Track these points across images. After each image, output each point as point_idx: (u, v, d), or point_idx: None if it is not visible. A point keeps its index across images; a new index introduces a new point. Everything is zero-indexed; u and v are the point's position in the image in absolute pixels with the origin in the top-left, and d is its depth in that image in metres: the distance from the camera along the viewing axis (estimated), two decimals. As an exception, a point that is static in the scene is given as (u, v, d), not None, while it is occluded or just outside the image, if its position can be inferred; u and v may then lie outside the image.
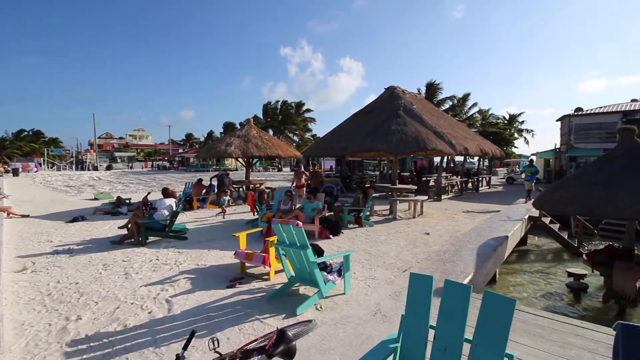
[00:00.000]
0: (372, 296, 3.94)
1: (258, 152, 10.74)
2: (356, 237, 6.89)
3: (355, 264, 5.16)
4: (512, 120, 36.37)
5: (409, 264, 5.18)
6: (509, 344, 3.03)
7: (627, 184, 5.42)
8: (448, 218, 8.97)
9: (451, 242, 6.37)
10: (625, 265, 5.49)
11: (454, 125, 16.54)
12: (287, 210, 6.70)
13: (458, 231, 7.37)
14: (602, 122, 19.53)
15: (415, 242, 6.47)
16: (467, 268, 4.91)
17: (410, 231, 7.39)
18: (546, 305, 6.21)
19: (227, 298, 3.91)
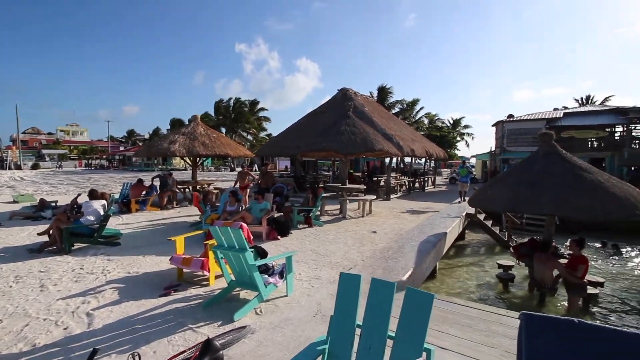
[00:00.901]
0: (314, 297, 3.92)
1: (205, 151, 10.23)
2: (305, 237, 6.85)
3: (301, 264, 5.12)
4: (455, 125, 39.17)
5: (354, 263, 5.26)
6: (440, 336, 3.21)
7: (546, 183, 6.04)
8: (395, 216, 9.32)
9: (395, 240, 6.61)
10: (543, 257, 6.10)
11: (403, 128, 17.33)
12: (233, 212, 6.45)
13: (403, 229, 7.68)
14: (530, 127, 21.75)
15: (362, 241, 6.60)
16: (407, 264, 5.10)
17: (359, 230, 7.54)
18: (479, 295, 6.70)
19: (159, 307, 3.63)
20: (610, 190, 5.64)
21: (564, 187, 5.78)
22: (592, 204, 5.56)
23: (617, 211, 5.51)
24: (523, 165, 6.89)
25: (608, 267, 8.56)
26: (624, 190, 5.78)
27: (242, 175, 9.70)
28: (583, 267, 5.63)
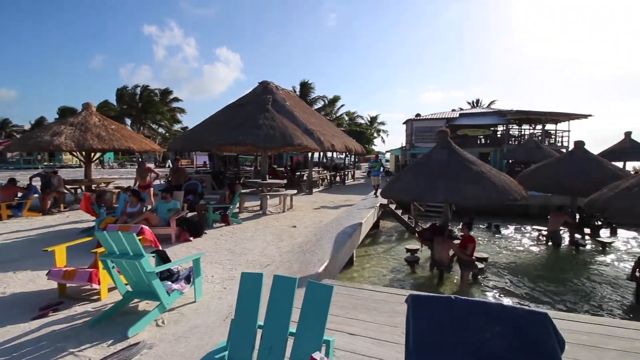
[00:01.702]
0: (226, 299, 3.71)
1: (100, 145, 8.86)
2: (221, 236, 6.50)
3: (214, 265, 4.83)
4: (372, 122, 42.00)
5: (272, 259, 5.17)
6: (350, 322, 3.33)
7: (442, 174, 6.81)
8: (316, 210, 9.51)
9: (314, 233, 6.72)
10: (441, 239, 6.92)
11: (324, 124, 17.78)
12: (134, 214, 5.74)
13: (322, 222, 7.87)
14: (433, 125, 24.43)
15: (281, 236, 6.54)
16: (324, 256, 5.22)
17: (279, 225, 7.47)
18: (391, 278, 7.28)
19: (31, 333, 3.00)
20: (491, 180, 6.65)
21: (455, 178, 6.60)
22: (477, 191, 6.48)
23: (496, 197, 6.52)
24: (424, 159, 7.66)
25: (491, 244, 10.14)
26: (501, 179, 6.87)
27: (142, 172, 8.64)
28: (471, 246, 6.55)
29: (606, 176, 8.29)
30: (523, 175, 10.49)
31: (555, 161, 10.36)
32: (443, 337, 1.75)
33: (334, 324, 3.11)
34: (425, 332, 1.76)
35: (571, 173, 9.16)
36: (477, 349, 1.68)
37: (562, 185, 9.27)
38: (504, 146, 22.41)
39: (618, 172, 8.88)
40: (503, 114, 23.71)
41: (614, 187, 6.39)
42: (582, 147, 9.89)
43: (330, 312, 1.87)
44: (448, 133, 7.99)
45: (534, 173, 10.35)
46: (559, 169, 9.61)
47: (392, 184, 7.63)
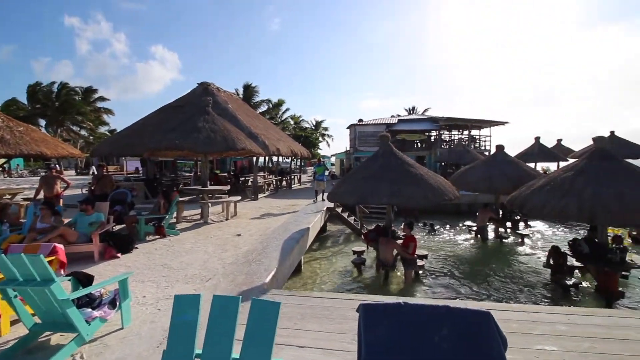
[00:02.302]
0: (160, 322, 3.32)
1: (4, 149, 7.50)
2: (155, 250, 5.90)
3: (147, 284, 4.33)
4: (317, 126, 42.57)
5: (214, 272, 4.81)
6: (298, 334, 3.19)
7: (384, 177, 7.06)
8: (262, 216, 9.21)
9: (260, 241, 6.46)
10: (385, 240, 7.15)
11: (269, 128, 17.47)
12: (46, 230, 4.91)
13: (269, 228, 7.62)
14: (375, 130, 25.54)
15: (225, 246, 6.17)
16: (271, 264, 5.02)
17: (222, 235, 7.05)
18: (339, 282, 7.31)
19: None
20: (429, 182, 7.06)
21: (397, 180, 6.89)
22: (416, 192, 6.83)
23: (433, 197, 6.94)
24: (367, 163, 7.88)
25: (429, 242, 10.82)
26: (437, 181, 7.34)
27: (49, 181, 7.52)
28: (413, 245, 6.87)
29: (522, 176, 9.38)
30: (454, 177, 11.41)
31: (481, 163, 11.46)
32: (394, 344, 1.71)
33: (282, 337, 2.96)
34: (377, 342, 1.71)
35: (494, 174, 10.20)
36: (427, 354, 1.67)
37: (487, 184, 10.28)
38: (437, 150, 24.31)
39: (532, 173, 10.12)
40: (436, 120, 25.74)
41: (530, 186, 7.22)
42: (502, 150, 11.08)
43: (278, 324, 1.73)
44: (389, 137, 8.34)
45: (464, 174, 11.33)
46: (484, 170, 10.65)
47: (338, 187, 7.70)
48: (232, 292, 4.04)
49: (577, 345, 2.84)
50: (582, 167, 6.40)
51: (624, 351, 2.73)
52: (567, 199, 6.00)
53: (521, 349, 2.79)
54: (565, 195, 6.08)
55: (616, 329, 3.10)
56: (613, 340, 2.91)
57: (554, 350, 2.76)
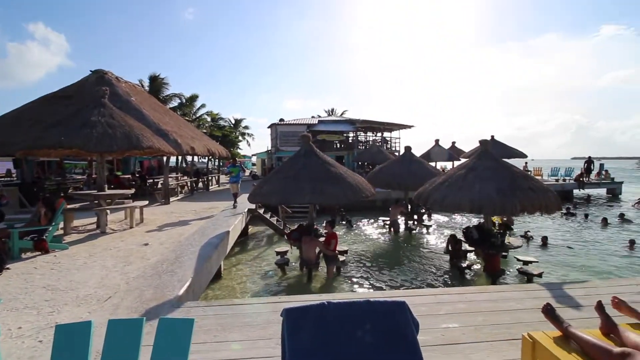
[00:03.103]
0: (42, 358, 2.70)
1: None
2: (35, 270, 4.85)
3: (25, 312, 3.53)
4: (237, 124, 40.93)
5: (114, 289, 4.16)
6: (220, 347, 2.90)
7: (306, 176, 7.11)
8: (174, 222, 8.40)
9: (173, 249, 5.86)
10: (308, 238, 7.21)
11: (182, 124, 16.07)
12: None
13: (183, 235, 6.99)
14: (296, 130, 25.79)
15: (128, 259, 5.42)
16: (186, 274, 4.58)
17: (124, 246, 6.18)
18: (262, 286, 7.10)
19: None
20: (348, 180, 7.35)
21: (318, 179, 7.00)
22: (337, 190, 7.05)
23: (353, 195, 7.25)
24: (289, 163, 7.85)
25: (348, 237, 11.35)
26: (355, 179, 7.70)
27: None
28: (334, 242, 7.08)
29: (426, 174, 10.53)
30: (370, 175, 12.22)
31: (392, 163, 12.51)
32: (319, 345, 1.68)
33: (201, 353, 2.69)
34: (301, 345, 1.65)
35: (403, 172, 11.24)
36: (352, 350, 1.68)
37: (398, 182, 11.28)
38: (355, 150, 25.77)
39: (433, 171, 11.45)
40: (353, 122, 27.25)
41: (432, 183, 8.13)
42: (409, 151, 12.28)
43: (196, 340, 1.54)
44: (310, 138, 8.44)
45: (378, 173, 12.21)
46: (395, 169, 11.66)
47: (260, 187, 7.48)
48: (137, 311, 3.54)
49: (473, 320, 3.25)
50: (471, 166, 7.47)
51: (510, 320, 3.23)
52: (462, 194, 6.92)
53: (429, 330, 3.07)
54: (460, 190, 7.01)
55: (501, 302, 3.66)
56: (501, 312, 3.42)
57: (455, 327, 3.11)
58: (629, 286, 4.05)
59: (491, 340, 2.88)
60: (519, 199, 6.44)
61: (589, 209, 16.92)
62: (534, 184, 6.86)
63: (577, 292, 3.84)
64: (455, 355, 2.69)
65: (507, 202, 6.42)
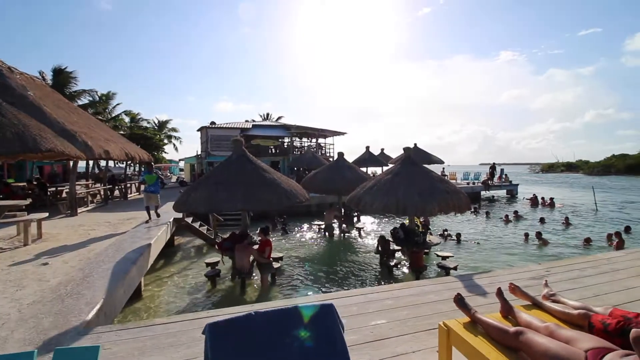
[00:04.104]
0: None
1: None
2: None
3: None
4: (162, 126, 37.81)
5: (3, 320, 3.45)
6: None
7: (238, 182, 6.86)
8: (82, 236, 7.33)
9: (80, 268, 5.10)
10: (242, 247, 6.95)
11: (93, 125, 14.22)
12: None
13: (94, 250, 6.14)
14: (229, 134, 24.82)
15: (22, 282, 4.56)
16: (95, 296, 4.02)
17: (16, 268, 5.19)
18: (190, 301, 6.60)
19: None
20: (282, 186, 7.30)
21: (252, 185, 6.82)
22: (271, 196, 6.95)
23: (287, 200, 7.22)
24: (220, 168, 7.51)
25: (283, 243, 11.26)
26: (290, 184, 7.69)
27: None
28: (269, 249, 6.94)
29: (358, 178, 11.02)
30: (305, 180, 12.34)
31: (326, 168, 12.84)
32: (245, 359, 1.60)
33: (111, 386, 2.36)
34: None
35: (337, 177, 11.61)
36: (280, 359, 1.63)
37: (332, 187, 11.60)
38: (290, 155, 25.82)
39: (364, 176, 12.05)
40: (288, 127, 27.32)
41: (362, 187, 8.53)
42: (342, 157, 12.75)
43: None
44: (243, 142, 8.20)
45: (312, 178, 12.41)
46: (329, 174, 11.99)
47: (186, 195, 6.99)
48: (32, 343, 2.99)
49: (399, 314, 3.46)
50: (397, 171, 8.05)
51: (430, 311, 3.51)
52: (389, 197, 7.40)
53: (360, 328, 3.17)
54: (387, 194, 7.48)
55: (423, 295, 3.97)
56: (422, 304, 3.70)
57: (383, 323, 3.27)
58: (524, 273, 4.74)
59: (414, 331, 3.09)
60: (437, 200, 7.12)
61: (493, 208, 19.55)
62: (448, 186, 7.67)
63: (484, 281, 4.36)
64: (383, 349, 2.82)
65: (427, 204, 7.05)
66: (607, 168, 58.32)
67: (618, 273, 4.58)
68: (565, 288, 4.02)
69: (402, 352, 2.77)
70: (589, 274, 4.53)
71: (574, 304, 2.31)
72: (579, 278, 4.40)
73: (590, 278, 4.39)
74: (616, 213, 17.50)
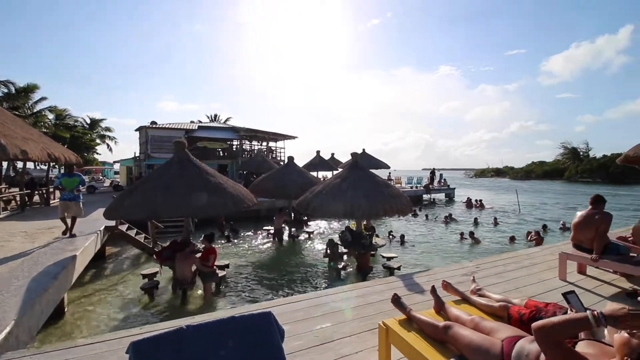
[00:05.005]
0: None
1: None
2: None
3: None
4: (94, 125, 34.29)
5: None
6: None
7: (180, 187, 6.46)
8: (-11, 249, 6.31)
9: (-17, 286, 4.37)
10: (183, 255, 6.54)
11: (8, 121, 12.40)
12: None
13: (7, 265, 5.31)
14: (172, 135, 23.36)
15: None
16: (5, 317, 3.48)
17: None
18: (123, 317, 6.03)
19: None
20: (228, 190, 7.04)
21: (194, 189, 6.47)
22: (216, 201, 6.65)
23: (233, 205, 6.97)
24: (160, 171, 7.02)
25: (231, 249, 10.85)
26: (236, 189, 7.43)
27: None
28: (213, 257, 6.62)
29: (308, 183, 11.08)
30: (254, 184, 12.08)
31: (276, 172, 12.71)
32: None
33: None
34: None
35: (286, 181, 11.55)
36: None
37: (282, 191, 11.50)
38: (239, 159, 25.10)
39: (314, 180, 12.14)
40: (237, 130, 26.56)
41: (312, 191, 8.59)
42: (292, 161, 12.72)
43: None
44: (185, 144, 7.77)
45: (262, 182, 12.19)
46: (278, 178, 11.87)
47: (120, 201, 6.40)
48: None
49: (343, 316, 3.51)
50: (345, 175, 8.24)
51: (375, 311, 3.61)
52: (337, 201, 7.54)
53: (305, 333, 3.15)
54: (335, 198, 7.62)
55: (368, 295, 4.08)
56: (367, 305, 3.80)
57: (328, 326, 3.29)
58: (458, 270, 5.12)
59: (358, 332, 3.16)
60: (382, 204, 7.43)
61: (433, 210, 20.98)
62: (392, 190, 8.05)
63: (423, 279, 4.62)
64: (328, 352, 2.83)
65: (373, 207, 7.32)
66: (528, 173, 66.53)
67: (535, 267, 5.16)
68: (491, 282, 4.43)
69: (346, 353, 2.81)
70: (512, 269, 5.05)
71: (496, 297, 2.55)
72: (503, 272, 4.88)
73: (513, 272, 4.89)
74: (535, 213, 19.88)
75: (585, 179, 52.41)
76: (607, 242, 4.29)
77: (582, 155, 58.46)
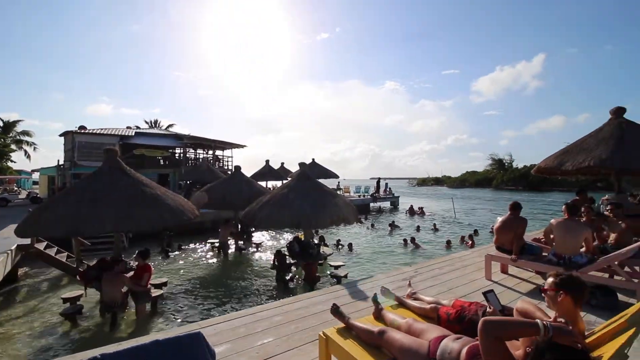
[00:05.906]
0: None
1: None
2: None
3: None
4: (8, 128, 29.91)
5: None
6: None
7: (110, 199, 5.89)
8: None
9: None
10: (111, 275, 5.92)
11: None
12: None
13: None
14: (104, 142, 21.35)
15: None
16: None
17: None
18: (40, 347, 5.24)
19: None
20: (166, 202, 6.59)
21: (127, 202, 5.95)
22: (152, 214, 6.17)
23: (171, 218, 6.52)
24: (87, 182, 6.36)
25: (171, 266, 10.11)
26: (175, 201, 6.99)
27: None
28: (147, 275, 6.10)
29: (255, 193, 10.84)
30: (198, 195, 11.47)
31: (221, 182, 12.24)
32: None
33: None
34: None
35: (233, 191, 11.17)
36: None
37: (227, 201, 11.08)
38: (182, 168, 23.74)
39: (262, 190, 11.91)
40: (180, 137, 25.17)
41: (259, 202, 8.41)
42: (239, 170, 12.37)
43: None
44: (117, 152, 7.15)
45: (207, 193, 11.62)
46: (224, 188, 11.44)
47: (36, 216, 5.63)
48: None
49: (287, 329, 3.44)
50: (292, 186, 8.23)
51: (316, 322, 3.59)
52: (284, 211, 7.47)
53: (246, 350, 3.02)
54: (282, 208, 7.55)
55: (312, 306, 4.06)
56: (310, 316, 3.77)
57: (270, 341, 3.20)
58: (399, 275, 5.35)
59: (300, 345, 3.11)
60: (329, 213, 7.54)
61: (378, 218, 21.84)
62: (339, 200, 8.22)
63: (367, 286, 4.74)
64: (269, 370, 2.74)
65: (320, 217, 7.39)
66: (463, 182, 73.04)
67: (467, 269, 5.61)
68: (428, 285, 4.70)
69: (287, 368, 2.75)
70: (446, 271, 5.42)
71: (428, 300, 2.70)
72: (439, 275, 5.22)
73: (447, 274, 5.25)
74: (468, 219, 21.76)
75: (509, 187, 59.01)
76: (524, 243, 4.83)
77: (507, 166, 65.84)
